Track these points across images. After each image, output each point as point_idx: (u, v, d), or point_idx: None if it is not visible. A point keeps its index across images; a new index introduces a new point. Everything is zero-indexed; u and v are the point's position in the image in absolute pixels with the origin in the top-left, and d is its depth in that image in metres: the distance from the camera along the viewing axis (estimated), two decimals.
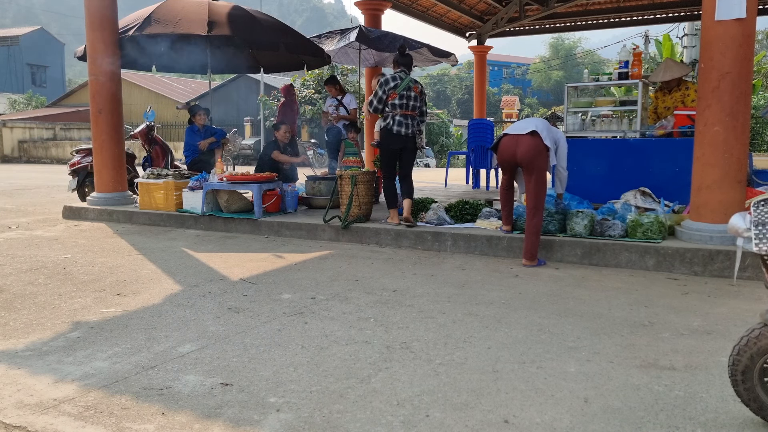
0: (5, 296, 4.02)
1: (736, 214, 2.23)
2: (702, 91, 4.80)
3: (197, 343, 3.10)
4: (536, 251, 4.96)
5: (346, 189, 6.22)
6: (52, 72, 50.99)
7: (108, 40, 7.34)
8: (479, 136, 10.67)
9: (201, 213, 6.86)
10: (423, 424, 2.23)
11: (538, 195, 4.89)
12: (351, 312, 3.64)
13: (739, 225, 2.17)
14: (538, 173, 4.87)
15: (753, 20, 4.65)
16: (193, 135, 8.14)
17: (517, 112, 31.48)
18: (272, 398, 2.45)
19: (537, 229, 4.92)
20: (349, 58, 10.59)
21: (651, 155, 6.34)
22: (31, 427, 2.23)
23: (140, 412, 2.34)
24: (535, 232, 4.91)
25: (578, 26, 15.14)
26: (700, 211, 4.90)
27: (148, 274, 4.68)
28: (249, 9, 8.20)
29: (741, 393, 2.16)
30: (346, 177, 6.25)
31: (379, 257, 5.33)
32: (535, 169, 4.87)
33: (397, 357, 2.90)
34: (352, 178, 6.19)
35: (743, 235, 2.14)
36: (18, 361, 2.88)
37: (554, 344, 3.07)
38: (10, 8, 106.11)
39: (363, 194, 6.27)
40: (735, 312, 3.66)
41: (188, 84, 39.59)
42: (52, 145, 26.40)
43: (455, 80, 54.68)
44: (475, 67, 16.10)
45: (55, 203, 9.19)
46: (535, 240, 4.92)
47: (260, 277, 4.55)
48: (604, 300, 3.92)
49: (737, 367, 2.13)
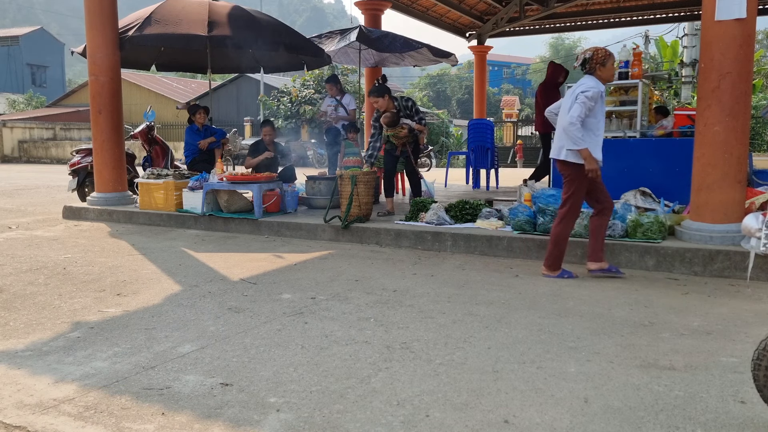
0: (5, 296, 4.02)
1: (750, 214, 2.25)
2: (702, 91, 4.80)
3: (197, 343, 3.10)
4: (554, 259, 4.53)
5: (346, 189, 6.24)
6: (52, 72, 50.99)
7: (108, 40, 7.34)
8: (479, 136, 10.66)
9: (201, 213, 6.86)
10: (423, 424, 2.23)
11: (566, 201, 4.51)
12: (351, 312, 3.64)
13: (752, 225, 2.18)
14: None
15: (753, 20, 4.65)
16: (193, 135, 8.14)
17: (517, 112, 31.50)
18: (272, 398, 2.45)
19: (556, 237, 4.50)
20: (349, 58, 10.58)
21: (651, 155, 6.34)
22: (31, 427, 2.23)
23: (140, 412, 2.34)
24: (554, 241, 4.51)
25: (578, 26, 15.14)
26: (700, 211, 4.89)
27: (148, 274, 4.68)
28: (249, 9, 8.19)
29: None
30: (346, 177, 6.26)
31: (379, 257, 5.32)
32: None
33: (397, 357, 2.90)
34: (352, 178, 6.20)
35: (756, 235, 2.15)
36: (18, 361, 2.88)
37: (554, 344, 3.07)
38: (10, 8, 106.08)
39: (363, 194, 6.27)
40: (735, 312, 3.66)
41: (188, 84, 39.58)
42: (52, 145, 26.40)
43: (455, 80, 54.67)
44: (475, 67, 16.10)
45: (55, 203, 9.19)
46: (553, 248, 4.52)
47: (260, 277, 4.55)
48: (604, 300, 3.92)
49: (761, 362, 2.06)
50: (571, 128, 4.24)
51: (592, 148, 4.29)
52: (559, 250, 4.51)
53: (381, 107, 6.61)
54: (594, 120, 4.33)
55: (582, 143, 4.24)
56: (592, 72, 4.34)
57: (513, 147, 22.98)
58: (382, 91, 6.56)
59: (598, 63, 4.31)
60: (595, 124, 4.34)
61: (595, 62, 4.31)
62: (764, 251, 2.12)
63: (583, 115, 4.23)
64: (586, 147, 4.24)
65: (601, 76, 4.33)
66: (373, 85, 6.81)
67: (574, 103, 4.27)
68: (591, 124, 4.32)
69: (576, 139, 4.24)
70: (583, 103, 4.21)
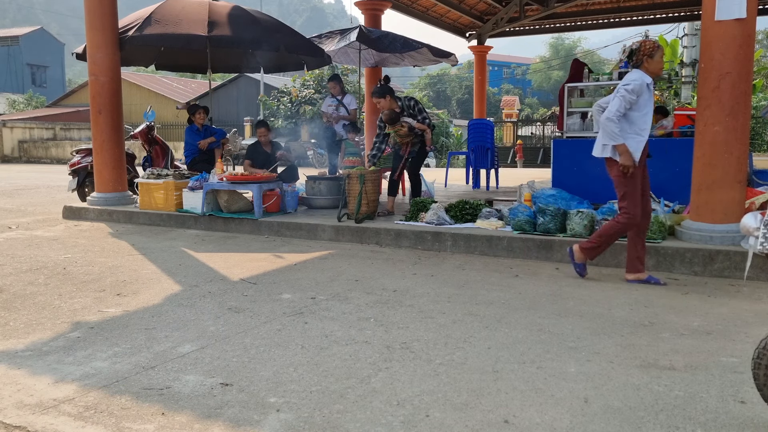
0: (5, 296, 4.02)
1: (749, 213, 2.25)
2: (702, 91, 4.80)
3: (197, 343, 3.10)
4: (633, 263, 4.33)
5: (355, 188, 6.42)
6: (52, 72, 51.01)
7: (108, 40, 7.34)
8: (479, 136, 10.66)
9: (201, 213, 6.86)
10: (423, 424, 2.23)
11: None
12: (351, 312, 3.64)
13: (750, 224, 2.18)
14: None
15: (753, 20, 4.65)
16: (193, 135, 8.14)
17: (517, 112, 31.50)
18: (272, 398, 2.45)
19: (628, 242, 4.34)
20: (349, 58, 10.58)
21: (651, 155, 6.33)
22: (31, 427, 2.23)
23: (140, 412, 2.34)
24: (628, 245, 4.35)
25: (578, 26, 15.15)
26: (700, 211, 4.89)
27: (148, 274, 4.68)
28: (249, 9, 8.19)
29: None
30: (354, 176, 6.44)
31: (379, 257, 5.33)
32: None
33: (397, 357, 2.90)
34: (360, 177, 6.39)
35: (754, 234, 2.16)
36: (18, 361, 2.88)
37: (554, 344, 3.07)
38: (10, 8, 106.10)
39: (370, 192, 6.53)
40: (735, 312, 3.66)
41: (188, 84, 39.58)
42: (52, 145, 26.39)
43: (455, 80, 54.67)
44: (475, 67, 16.11)
45: (55, 203, 9.19)
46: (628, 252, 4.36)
47: (260, 277, 4.55)
48: (604, 300, 3.92)
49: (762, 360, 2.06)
50: (608, 124, 4.07)
51: (633, 144, 4.09)
52: (634, 252, 4.31)
53: (383, 107, 6.65)
54: (638, 114, 4.11)
55: (619, 138, 4.06)
56: (638, 64, 4.15)
57: (513, 147, 22.99)
58: (384, 92, 6.61)
59: (645, 55, 4.11)
60: (640, 118, 4.12)
61: (642, 54, 4.12)
62: (761, 250, 2.12)
63: (622, 109, 4.05)
64: (623, 143, 4.06)
65: (648, 68, 4.14)
66: (375, 86, 6.83)
67: (615, 97, 4.10)
68: (635, 118, 4.12)
69: (613, 135, 4.08)
70: (623, 97, 4.03)
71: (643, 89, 4.07)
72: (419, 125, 6.66)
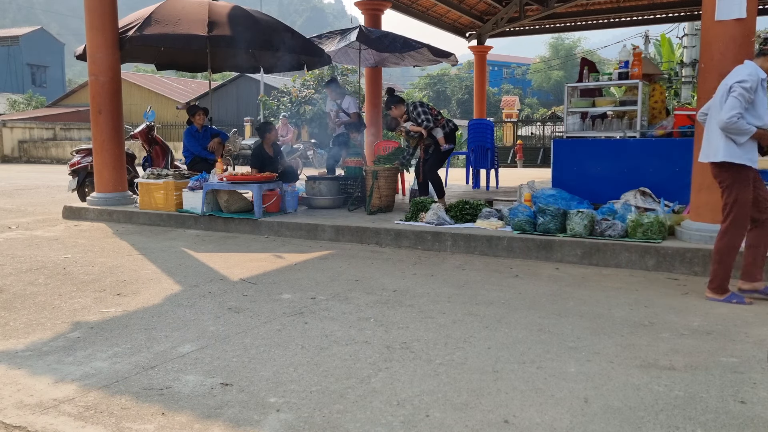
0: (5, 296, 4.02)
1: None
2: (702, 91, 4.80)
3: (197, 343, 3.10)
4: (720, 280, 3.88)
5: (369, 183, 7.09)
6: (52, 72, 50.98)
7: (108, 40, 7.34)
8: (479, 136, 10.66)
9: (201, 213, 6.86)
10: (423, 424, 2.23)
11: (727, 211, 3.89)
12: (351, 312, 3.64)
13: None
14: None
15: (753, 20, 4.66)
16: (191, 138, 8.07)
17: (516, 112, 31.48)
18: (272, 398, 2.45)
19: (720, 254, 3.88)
20: (349, 58, 10.58)
21: (651, 155, 6.34)
22: (31, 427, 2.23)
23: (140, 412, 2.34)
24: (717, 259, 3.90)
25: (578, 26, 15.15)
26: (700, 211, 4.89)
27: (148, 274, 4.68)
28: (249, 9, 8.19)
29: None
30: (369, 172, 7.09)
31: (379, 257, 5.33)
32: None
33: (397, 357, 2.90)
34: (373, 173, 6.99)
35: None
36: (18, 361, 2.88)
37: (554, 344, 3.07)
38: (10, 8, 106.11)
39: (384, 188, 7.05)
40: (735, 312, 3.66)
41: (188, 84, 39.58)
42: (52, 145, 26.39)
43: (455, 80, 54.63)
44: (475, 67, 16.11)
45: (55, 203, 9.19)
46: (717, 267, 3.89)
47: (260, 277, 4.55)
48: (604, 300, 3.92)
49: None
50: (731, 126, 3.64)
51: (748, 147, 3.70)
52: (725, 269, 3.85)
53: (395, 116, 7.12)
54: (750, 117, 3.70)
55: (751, 127, 3.63)
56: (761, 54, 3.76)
57: (513, 147, 22.98)
58: (389, 104, 7.07)
59: None
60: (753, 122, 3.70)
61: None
62: None
63: (742, 109, 3.63)
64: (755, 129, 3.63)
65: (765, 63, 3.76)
66: (384, 100, 7.35)
67: (728, 96, 3.69)
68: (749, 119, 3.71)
69: (742, 131, 3.63)
70: (740, 95, 3.61)
71: (758, 86, 3.66)
72: (413, 127, 6.90)
